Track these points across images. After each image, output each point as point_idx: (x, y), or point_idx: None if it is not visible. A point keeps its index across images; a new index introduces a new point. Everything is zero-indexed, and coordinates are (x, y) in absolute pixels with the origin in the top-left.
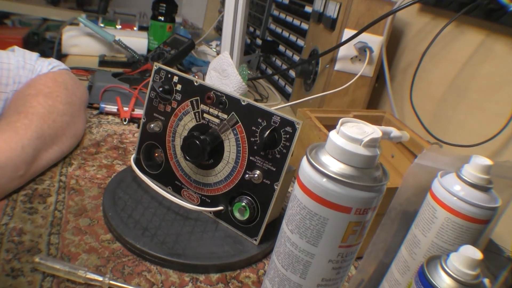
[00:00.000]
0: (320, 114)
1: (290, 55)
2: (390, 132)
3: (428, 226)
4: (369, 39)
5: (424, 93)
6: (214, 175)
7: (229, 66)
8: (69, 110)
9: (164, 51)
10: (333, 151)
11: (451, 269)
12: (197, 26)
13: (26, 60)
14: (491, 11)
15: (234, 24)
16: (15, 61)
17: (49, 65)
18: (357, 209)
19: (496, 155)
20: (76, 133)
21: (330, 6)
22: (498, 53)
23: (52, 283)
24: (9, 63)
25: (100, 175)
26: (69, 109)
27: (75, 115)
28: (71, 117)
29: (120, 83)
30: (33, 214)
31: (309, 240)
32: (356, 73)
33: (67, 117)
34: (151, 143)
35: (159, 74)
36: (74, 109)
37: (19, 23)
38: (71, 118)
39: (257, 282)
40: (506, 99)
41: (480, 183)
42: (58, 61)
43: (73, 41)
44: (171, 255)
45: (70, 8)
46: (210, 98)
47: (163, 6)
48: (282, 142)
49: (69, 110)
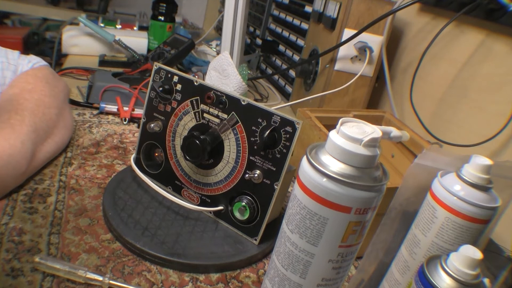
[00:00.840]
0: (320, 114)
1: (290, 55)
2: (390, 132)
3: (428, 226)
4: (369, 39)
5: (424, 93)
6: (214, 175)
7: (229, 66)
8: (54, 102)
9: (164, 51)
10: (333, 151)
11: (451, 269)
12: (197, 26)
13: (9, 61)
14: (491, 11)
15: (234, 24)
16: (0, 63)
17: (29, 62)
18: (357, 209)
19: (496, 155)
20: (66, 124)
21: (330, 6)
22: (498, 53)
23: (52, 283)
24: None
25: (100, 175)
26: (54, 101)
27: (61, 107)
28: (58, 109)
29: (120, 83)
30: (33, 214)
31: (309, 240)
32: (356, 73)
33: (55, 109)
34: (151, 143)
35: (159, 74)
36: (59, 101)
37: (19, 23)
38: (58, 110)
39: (257, 282)
40: (506, 99)
41: (480, 183)
42: (38, 57)
43: (73, 41)
44: (171, 255)
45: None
46: (210, 98)
47: (163, 6)
48: (282, 142)
49: (54, 102)
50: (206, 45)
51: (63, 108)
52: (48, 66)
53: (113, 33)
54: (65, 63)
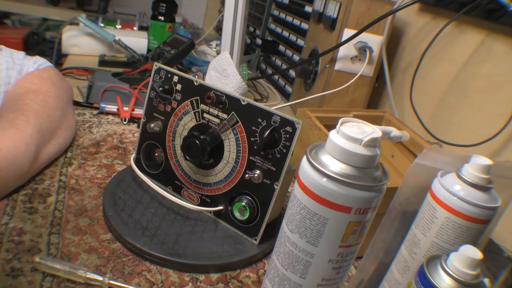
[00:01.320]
0: (320, 114)
1: (290, 55)
2: (390, 132)
3: (428, 226)
4: (369, 39)
5: (424, 93)
6: (214, 175)
7: (229, 66)
8: (59, 104)
9: (164, 51)
10: (333, 151)
11: (451, 269)
12: (197, 26)
13: (15, 61)
14: (491, 11)
15: (234, 24)
16: (5, 62)
17: (35, 63)
18: (357, 209)
19: (496, 155)
20: (69, 126)
21: (330, 6)
22: (498, 53)
23: (52, 283)
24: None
25: (100, 175)
26: (59, 102)
27: (65, 109)
28: (62, 111)
29: (120, 83)
30: (33, 214)
31: (309, 240)
32: (356, 73)
33: (59, 111)
34: (151, 143)
35: (159, 74)
36: (63, 103)
37: (19, 23)
38: (62, 112)
39: (257, 282)
40: (506, 99)
41: (480, 183)
42: (43, 58)
43: (73, 41)
44: (171, 255)
45: (70, 8)
46: (210, 98)
47: (163, 6)
48: (282, 142)
49: (59, 104)
50: (206, 45)
51: (67, 110)
52: (53, 67)
53: (113, 33)
54: (65, 63)
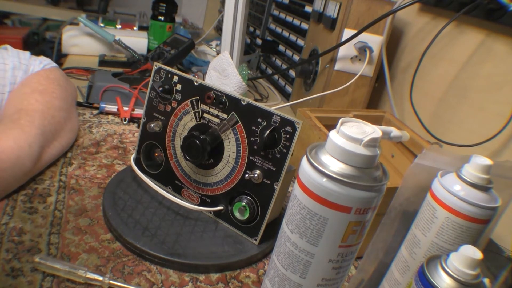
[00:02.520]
0: (320, 114)
1: (290, 55)
2: (390, 132)
3: (428, 226)
4: (369, 39)
5: (424, 93)
6: (214, 175)
7: (229, 66)
8: (64, 105)
9: (164, 51)
10: (333, 151)
11: (451, 269)
12: (197, 26)
13: (21, 60)
14: (491, 11)
15: (234, 24)
16: (11, 62)
17: (40, 63)
18: (357, 209)
19: (496, 155)
20: (72, 127)
21: (330, 6)
22: (498, 53)
23: (52, 283)
24: (5, 63)
25: (100, 175)
26: (64, 104)
27: (69, 110)
28: (67, 112)
29: (120, 83)
30: (33, 214)
31: (309, 240)
32: (356, 73)
33: (64, 112)
34: (151, 143)
35: (159, 74)
36: (68, 104)
37: (19, 23)
38: (67, 113)
39: (257, 282)
40: (506, 99)
41: (480, 183)
42: (48, 59)
43: (73, 41)
44: (171, 255)
45: (70, 8)
46: (210, 97)
47: (163, 6)
48: (282, 142)
49: (64, 105)
50: (206, 45)
51: (71, 112)
52: (58, 67)
53: (113, 33)
54: (65, 63)
